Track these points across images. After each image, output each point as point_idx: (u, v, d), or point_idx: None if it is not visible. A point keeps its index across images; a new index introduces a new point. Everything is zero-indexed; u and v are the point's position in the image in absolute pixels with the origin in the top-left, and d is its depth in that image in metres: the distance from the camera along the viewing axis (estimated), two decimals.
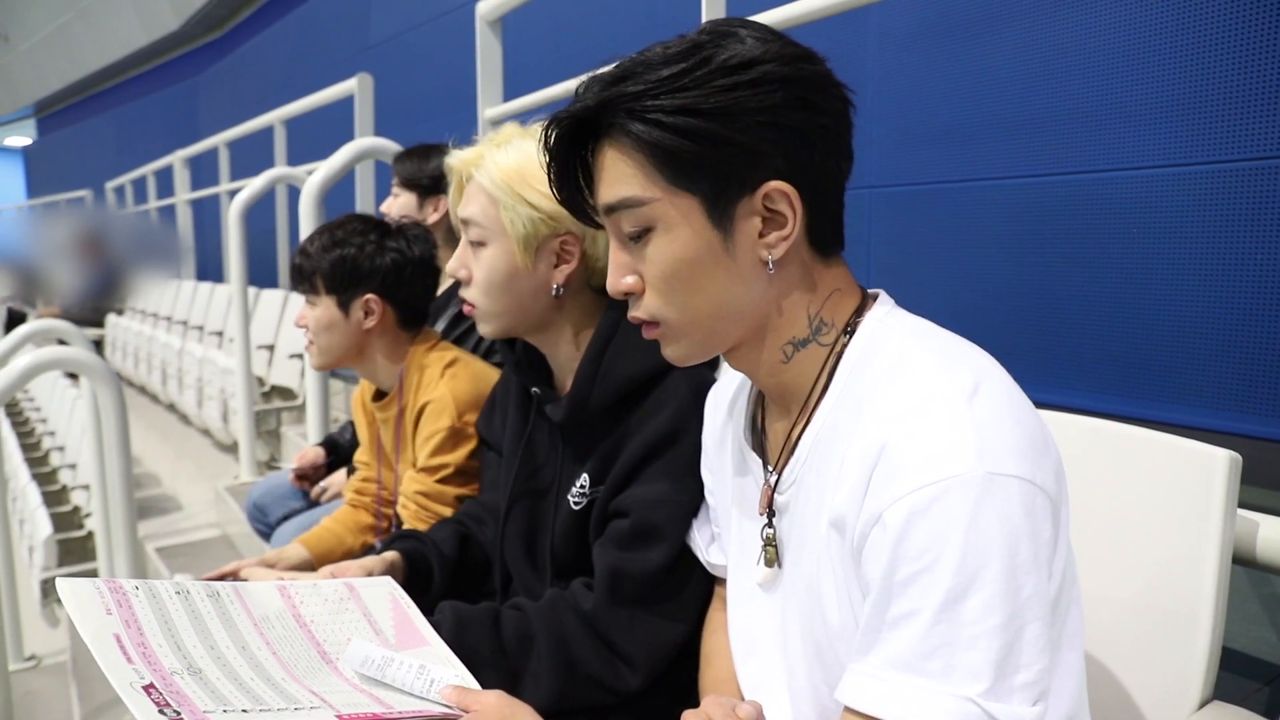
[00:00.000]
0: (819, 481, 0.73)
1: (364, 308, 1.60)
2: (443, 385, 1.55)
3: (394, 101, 4.81)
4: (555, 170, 0.79)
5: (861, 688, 0.64)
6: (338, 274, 1.59)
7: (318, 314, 1.61)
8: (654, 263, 0.74)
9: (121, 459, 2.38)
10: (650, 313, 0.76)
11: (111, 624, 0.76)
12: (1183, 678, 0.86)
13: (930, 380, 0.67)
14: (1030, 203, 2.24)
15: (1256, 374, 1.84)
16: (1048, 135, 2.19)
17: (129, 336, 6.49)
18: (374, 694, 0.79)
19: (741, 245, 0.73)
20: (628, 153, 0.73)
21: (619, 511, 1.03)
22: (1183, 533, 0.87)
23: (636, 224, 0.74)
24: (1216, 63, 1.86)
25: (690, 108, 0.69)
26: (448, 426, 1.49)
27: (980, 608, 0.60)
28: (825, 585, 0.72)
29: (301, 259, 1.62)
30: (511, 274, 1.11)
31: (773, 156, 0.71)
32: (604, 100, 0.73)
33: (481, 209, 1.11)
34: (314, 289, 1.61)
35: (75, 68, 12.17)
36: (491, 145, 1.12)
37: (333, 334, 1.62)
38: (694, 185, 0.72)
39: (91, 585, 0.79)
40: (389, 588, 0.97)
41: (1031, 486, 0.63)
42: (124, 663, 0.73)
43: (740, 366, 0.81)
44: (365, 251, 1.60)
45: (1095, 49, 2.06)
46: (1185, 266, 1.94)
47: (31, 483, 3.75)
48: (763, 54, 0.70)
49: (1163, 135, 1.96)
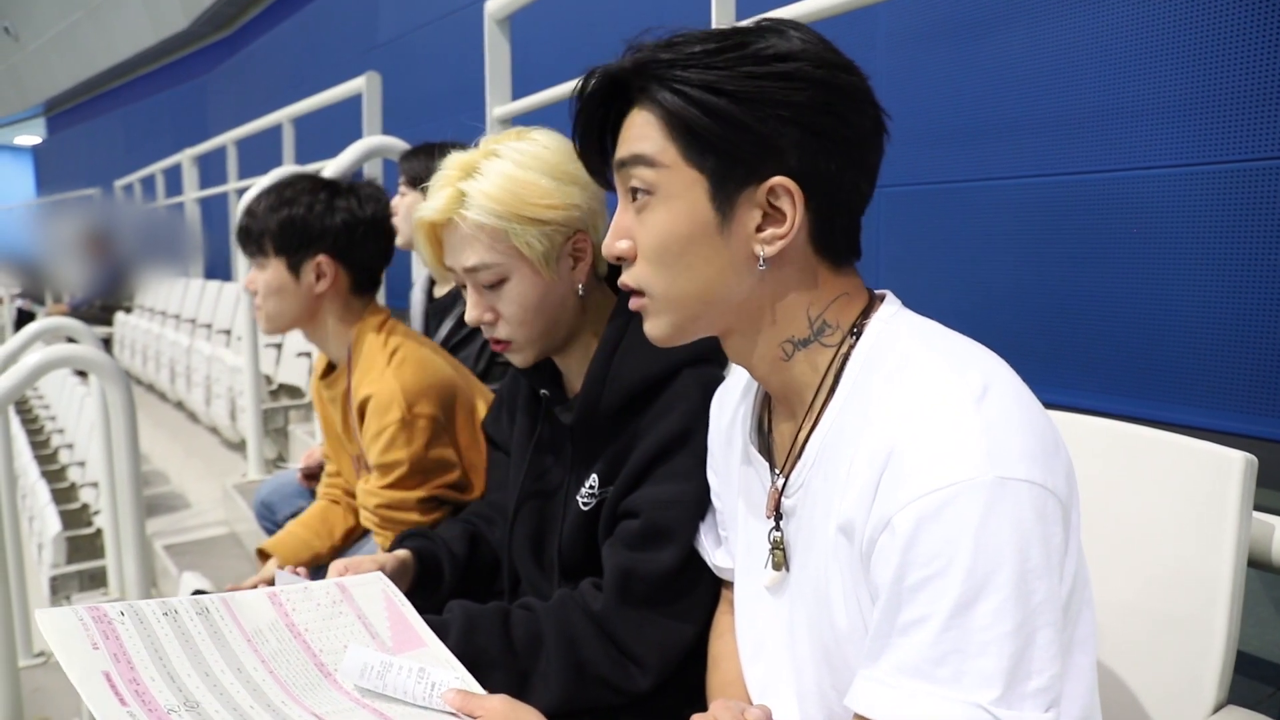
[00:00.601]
0: (826, 485, 0.73)
1: (315, 270, 1.52)
2: (389, 376, 1.46)
3: (401, 100, 4.82)
4: (582, 121, 0.81)
5: (871, 694, 0.64)
6: (287, 234, 1.50)
7: (266, 277, 1.53)
8: (649, 230, 0.75)
9: (130, 456, 2.38)
10: (638, 281, 0.77)
11: (99, 660, 0.72)
12: (1196, 681, 0.85)
13: (938, 382, 0.67)
14: (1039, 202, 2.22)
15: (1267, 375, 1.83)
16: (1057, 135, 2.18)
17: (137, 334, 6.51)
18: (375, 707, 0.78)
19: (737, 234, 0.73)
20: (652, 117, 0.74)
21: (629, 512, 1.03)
22: (1197, 535, 0.87)
23: (643, 181, 0.75)
24: (1227, 62, 1.84)
25: (714, 85, 0.70)
26: (397, 419, 1.41)
27: (991, 613, 0.60)
28: (833, 589, 0.71)
29: (248, 219, 1.53)
30: (544, 294, 1.08)
31: (786, 153, 0.71)
32: (638, 63, 0.75)
33: (487, 249, 1.06)
34: (262, 251, 1.52)
35: (84, 66, 12.20)
36: (459, 181, 1.06)
37: (283, 298, 1.53)
38: (703, 162, 0.72)
39: (74, 615, 0.74)
40: (381, 585, 0.94)
41: (1042, 490, 0.62)
42: (118, 706, 0.69)
43: (736, 358, 0.80)
44: (315, 211, 1.51)
45: (1105, 48, 2.05)
46: (1195, 267, 1.92)
47: (41, 480, 3.76)
48: (800, 51, 0.71)
49: (1173, 135, 1.95)
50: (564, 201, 1.05)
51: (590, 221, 1.09)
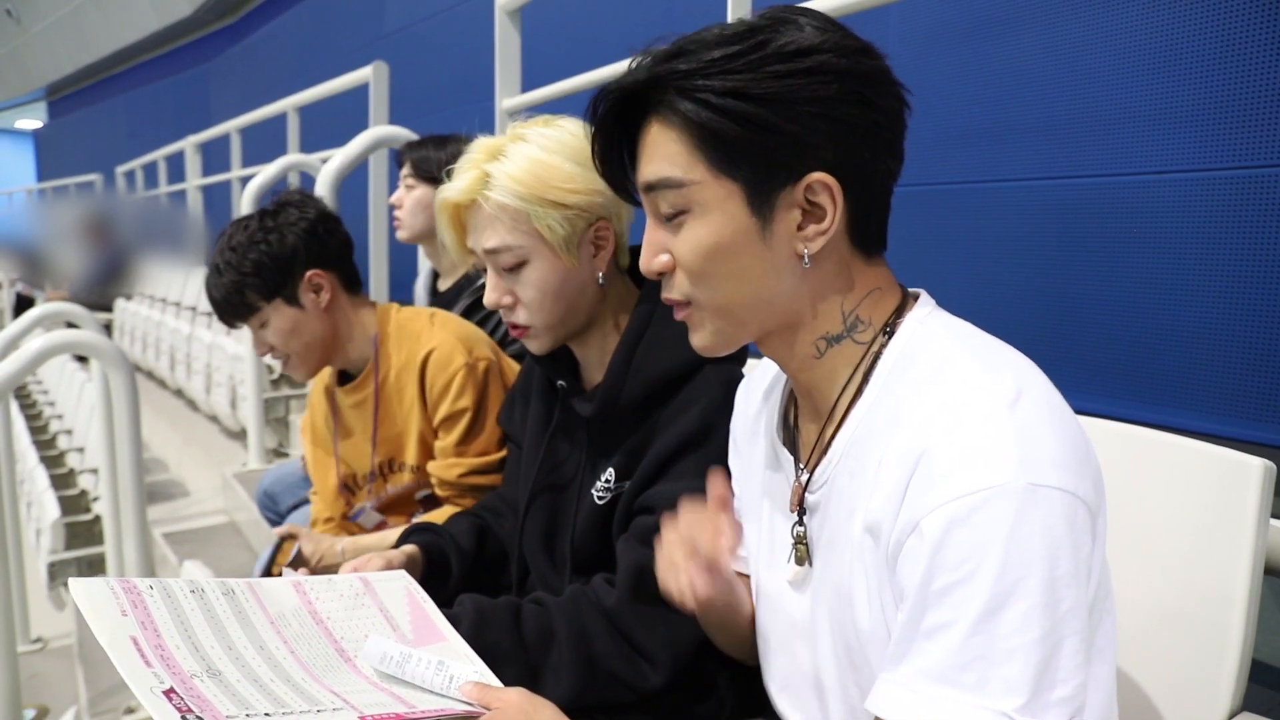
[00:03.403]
0: (853, 484, 0.72)
1: (310, 287, 1.51)
2: (438, 332, 1.51)
3: (408, 91, 4.80)
4: (600, 143, 0.78)
5: (893, 698, 0.63)
6: (266, 273, 1.48)
7: (276, 324, 1.51)
8: (687, 245, 0.73)
9: (132, 443, 2.38)
10: (683, 293, 0.76)
11: (127, 625, 0.75)
12: (1211, 688, 0.85)
13: (972, 386, 0.66)
14: (1048, 205, 2.22)
15: (1276, 381, 1.83)
16: (1067, 138, 2.17)
17: (137, 321, 6.49)
18: (395, 692, 0.78)
19: (779, 236, 0.72)
20: (673, 131, 0.72)
21: (645, 508, 1.02)
22: (1214, 542, 0.86)
23: (674, 205, 0.73)
24: (1237, 67, 1.84)
25: (740, 91, 0.68)
26: (462, 365, 1.47)
27: (1019, 620, 0.59)
28: (857, 589, 0.71)
29: (221, 293, 1.50)
30: (563, 279, 1.08)
31: (821, 149, 0.69)
32: (654, 75, 0.72)
33: (509, 230, 1.06)
34: (254, 308, 1.50)
35: (87, 51, 12.16)
36: (484, 163, 1.06)
37: (301, 333, 1.52)
38: (736, 170, 0.70)
39: (105, 585, 0.77)
40: (404, 582, 0.95)
41: (1073, 498, 0.62)
42: (143, 666, 0.71)
43: (771, 355, 0.79)
44: (271, 240, 1.49)
45: (1116, 52, 2.04)
46: (1204, 272, 1.92)
47: (39, 466, 3.75)
48: (821, 43, 0.69)
49: (1183, 140, 1.94)
50: (587, 187, 1.05)
51: (613, 210, 1.09)
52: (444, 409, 1.48)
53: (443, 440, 1.51)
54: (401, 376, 1.54)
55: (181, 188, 6.75)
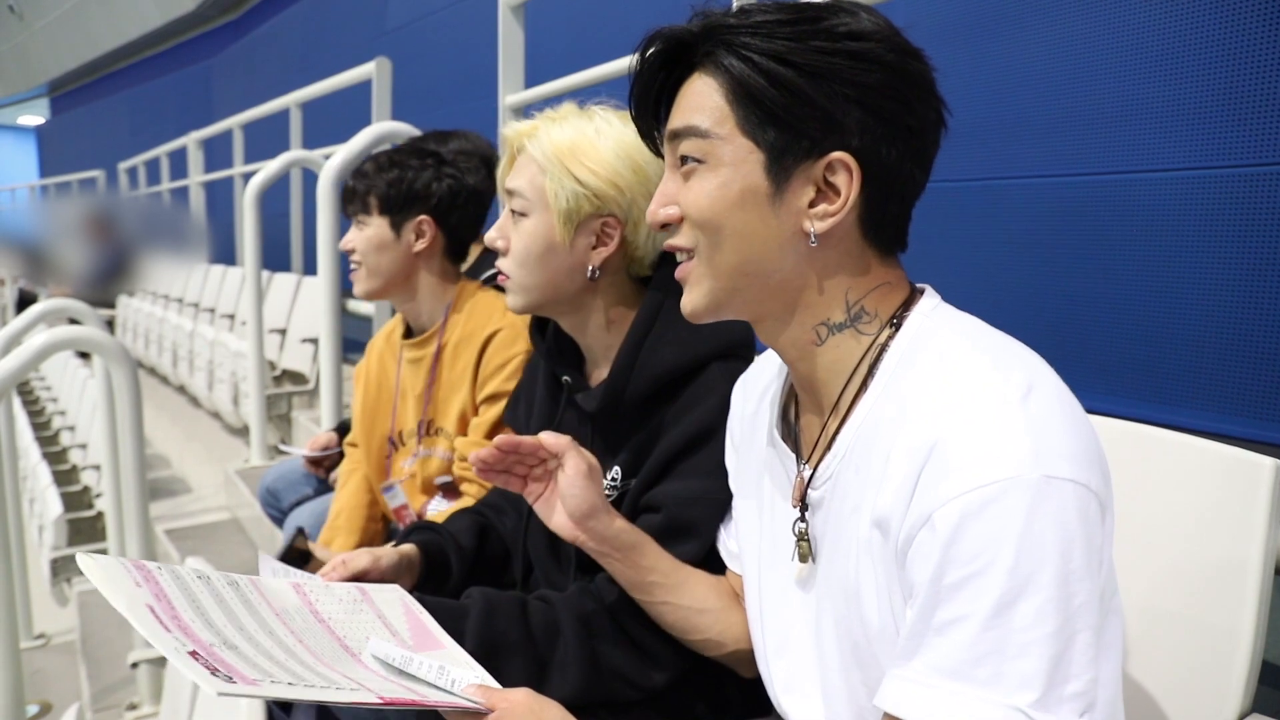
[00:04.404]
0: (859, 479, 0.71)
1: (415, 230, 1.60)
2: (509, 317, 1.55)
3: (411, 87, 4.79)
4: (639, 86, 0.79)
5: (905, 694, 0.63)
6: (394, 194, 1.59)
7: (368, 234, 1.61)
8: (697, 195, 0.74)
9: (135, 439, 2.37)
10: (687, 239, 0.76)
11: (143, 595, 0.74)
12: (1220, 689, 0.84)
13: (983, 379, 0.66)
14: (1052, 203, 2.21)
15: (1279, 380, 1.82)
16: (1071, 135, 2.16)
17: (140, 318, 6.50)
18: (401, 683, 0.78)
19: (788, 206, 0.72)
20: (713, 85, 0.73)
21: (651, 506, 1.02)
22: (1223, 542, 0.86)
23: (693, 152, 0.74)
24: (1243, 65, 1.83)
25: (783, 55, 0.69)
26: (524, 350, 1.49)
27: (1033, 614, 0.59)
28: (864, 586, 0.70)
29: (356, 180, 1.63)
30: (549, 248, 1.09)
31: (848, 133, 0.70)
32: (706, 27, 0.73)
33: (529, 180, 1.10)
34: (366, 209, 1.61)
35: (90, 47, 12.17)
36: (548, 120, 1.12)
37: (383, 255, 1.61)
38: (762, 134, 0.71)
39: (116, 561, 0.77)
40: (399, 594, 0.95)
41: (1086, 490, 0.61)
42: (162, 630, 0.71)
43: (770, 340, 0.79)
44: (423, 175, 1.61)
45: (1120, 49, 2.03)
46: (1209, 270, 1.91)
47: (42, 462, 3.75)
48: (873, 33, 0.70)
49: (1188, 137, 1.93)
50: (609, 173, 1.06)
51: (628, 213, 1.08)
52: (492, 386, 1.52)
53: (480, 417, 1.54)
54: (462, 346, 1.59)
55: (184, 184, 6.75)
